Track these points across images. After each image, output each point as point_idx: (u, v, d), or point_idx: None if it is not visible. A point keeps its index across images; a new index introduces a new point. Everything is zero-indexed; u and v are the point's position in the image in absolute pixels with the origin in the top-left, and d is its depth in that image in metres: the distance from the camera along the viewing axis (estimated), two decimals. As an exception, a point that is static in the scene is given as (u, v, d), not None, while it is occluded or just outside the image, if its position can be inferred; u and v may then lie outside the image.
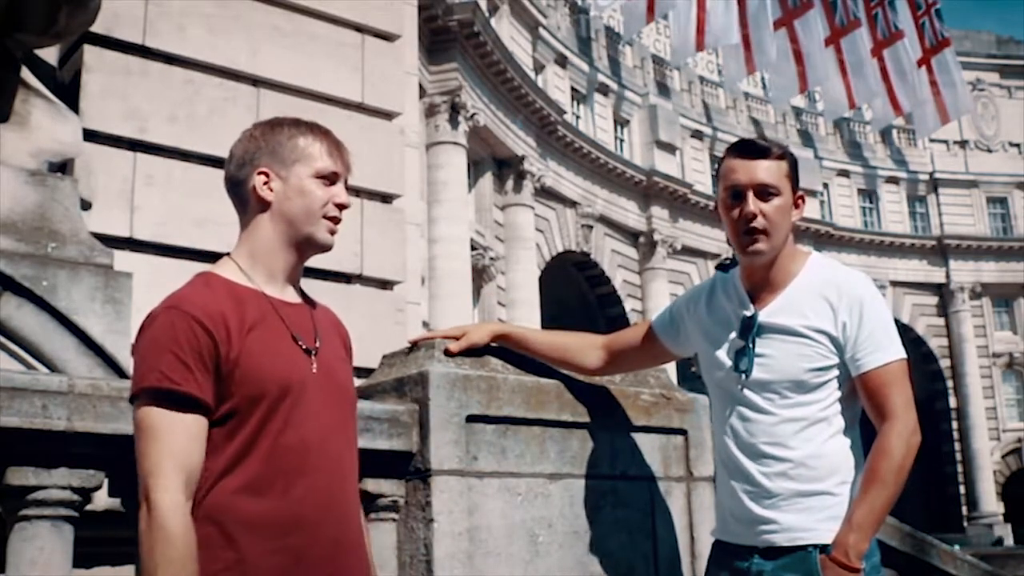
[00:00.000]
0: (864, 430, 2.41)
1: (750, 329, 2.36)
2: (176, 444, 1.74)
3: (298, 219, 1.94)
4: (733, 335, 2.40)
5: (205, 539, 1.73)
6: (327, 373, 1.93)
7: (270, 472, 1.80)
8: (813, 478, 2.30)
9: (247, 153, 1.97)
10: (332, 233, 1.99)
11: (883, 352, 2.31)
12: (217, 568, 1.73)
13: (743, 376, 2.35)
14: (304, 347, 1.91)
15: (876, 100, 33.89)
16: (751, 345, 2.35)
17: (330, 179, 1.97)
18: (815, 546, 2.25)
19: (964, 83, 35.99)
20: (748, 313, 2.38)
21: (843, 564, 2.19)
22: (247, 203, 1.97)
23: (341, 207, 1.99)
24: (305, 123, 2.01)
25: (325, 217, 1.96)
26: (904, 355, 2.35)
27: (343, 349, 2.07)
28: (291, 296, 1.98)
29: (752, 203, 2.31)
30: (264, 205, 1.95)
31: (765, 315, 2.36)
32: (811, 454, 2.30)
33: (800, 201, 2.39)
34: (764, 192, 2.32)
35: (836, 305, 2.32)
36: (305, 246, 1.97)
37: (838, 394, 2.34)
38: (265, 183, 1.94)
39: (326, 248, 2.00)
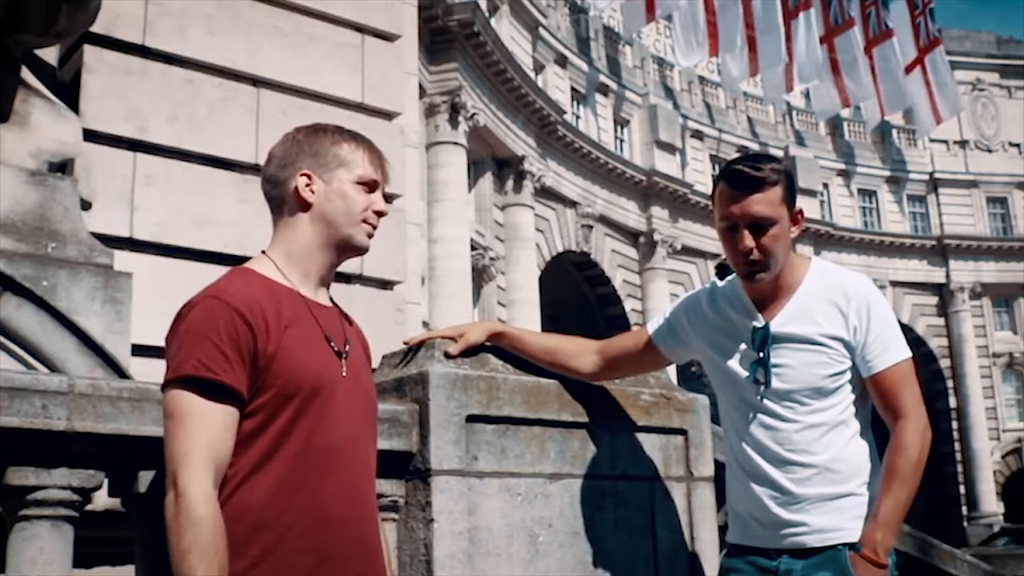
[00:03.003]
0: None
1: (764, 340, 2.37)
2: (209, 433, 1.75)
3: (338, 221, 1.98)
4: (744, 346, 2.41)
5: (232, 536, 1.73)
6: (354, 377, 1.96)
7: (300, 471, 1.81)
8: (839, 480, 2.34)
9: (289, 155, 2.00)
10: (369, 237, 2.03)
11: (892, 352, 2.35)
12: (242, 566, 1.74)
13: (762, 387, 2.36)
14: (336, 349, 1.94)
15: (867, 100, 33.88)
16: (767, 356, 2.36)
17: (370, 186, 2.02)
18: (844, 544, 2.29)
19: (955, 82, 36.05)
20: (759, 324, 2.39)
21: (873, 560, 2.25)
22: (286, 203, 2.00)
23: (379, 214, 2.03)
24: (348, 131, 2.06)
25: (364, 222, 2.01)
26: (910, 354, 2.40)
27: (365, 355, 2.09)
28: (323, 298, 2.01)
29: (747, 239, 2.31)
30: (305, 206, 1.98)
31: (776, 325, 2.37)
32: (834, 457, 2.35)
33: (799, 216, 2.38)
34: (759, 226, 2.31)
35: (846, 310, 2.34)
36: (343, 248, 2.01)
37: (852, 396, 2.38)
38: (307, 185, 1.97)
39: (363, 251, 2.04)
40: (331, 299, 2.06)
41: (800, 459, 2.34)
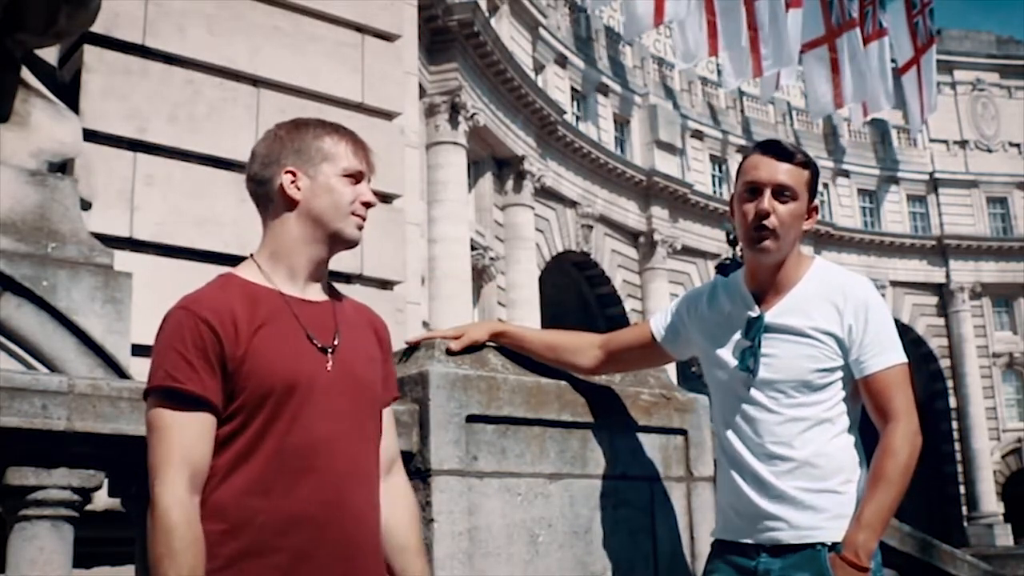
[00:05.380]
0: (863, 433, 2.43)
1: (757, 329, 2.37)
2: (180, 441, 1.76)
3: (326, 215, 1.96)
4: (738, 335, 2.42)
5: (207, 536, 1.75)
6: (345, 371, 1.92)
7: (273, 471, 1.81)
8: (819, 476, 2.32)
9: (272, 152, 1.98)
10: (359, 229, 2.01)
11: (887, 355, 2.35)
12: (215, 565, 1.74)
13: (750, 376, 2.36)
14: (319, 345, 1.91)
15: (860, 101, 33.84)
16: (757, 345, 2.36)
17: (356, 178, 2.00)
18: (823, 544, 2.27)
19: (935, 82, 36.11)
20: (754, 314, 2.40)
21: (853, 563, 2.22)
22: (272, 202, 1.98)
23: (367, 205, 2.01)
24: (329, 124, 2.04)
25: (352, 214, 1.99)
26: (906, 359, 2.39)
27: (375, 347, 2.05)
28: (313, 294, 1.98)
29: (767, 201, 2.34)
30: (291, 203, 1.96)
31: (771, 316, 2.38)
32: (816, 453, 2.33)
33: (814, 212, 2.43)
34: (781, 193, 2.34)
35: (842, 309, 2.35)
36: (333, 242, 1.99)
37: (843, 395, 2.38)
38: (292, 182, 1.96)
39: (353, 243, 2.02)
40: (331, 291, 2.03)
41: (781, 451, 2.34)
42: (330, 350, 1.92)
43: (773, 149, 2.39)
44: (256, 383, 1.81)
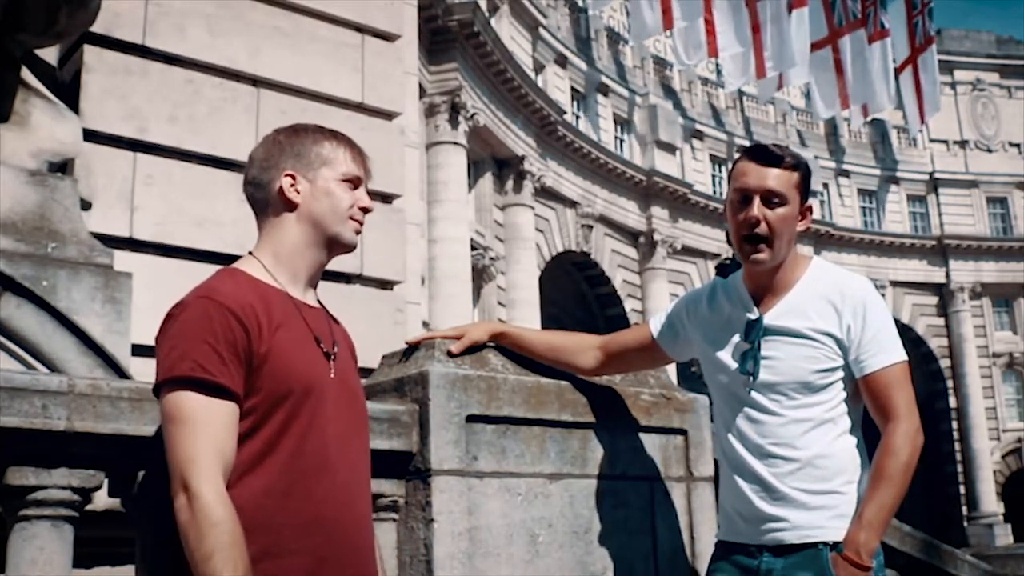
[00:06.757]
0: (865, 433, 2.43)
1: (756, 332, 2.37)
2: (212, 433, 1.75)
3: (325, 219, 1.98)
4: (737, 338, 2.42)
5: None
6: (342, 378, 1.95)
7: (292, 472, 1.81)
8: (821, 477, 2.33)
9: (271, 156, 2.00)
10: (357, 233, 2.03)
11: (886, 354, 2.35)
12: None
13: (750, 378, 2.36)
14: (325, 351, 1.93)
15: (865, 102, 33.76)
16: (757, 348, 2.36)
17: (354, 183, 2.02)
18: (825, 544, 2.28)
19: (938, 82, 35.97)
20: (753, 316, 2.40)
21: (855, 562, 2.22)
22: (271, 205, 1.99)
23: (365, 210, 2.03)
24: (328, 129, 2.06)
25: (351, 219, 2.01)
26: (906, 357, 2.39)
27: (351, 356, 2.08)
28: (311, 299, 2.01)
29: (757, 209, 2.34)
30: (291, 206, 1.98)
31: (770, 318, 2.38)
32: (818, 454, 2.33)
33: (807, 212, 2.42)
34: (771, 199, 2.34)
35: (840, 308, 2.35)
36: (331, 246, 2.01)
37: (844, 395, 2.38)
38: (292, 185, 1.97)
39: (351, 247, 2.04)
40: (318, 300, 2.05)
41: (783, 453, 2.34)
42: (332, 357, 1.94)
43: (760, 154, 2.38)
44: (274, 384, 1.82)
